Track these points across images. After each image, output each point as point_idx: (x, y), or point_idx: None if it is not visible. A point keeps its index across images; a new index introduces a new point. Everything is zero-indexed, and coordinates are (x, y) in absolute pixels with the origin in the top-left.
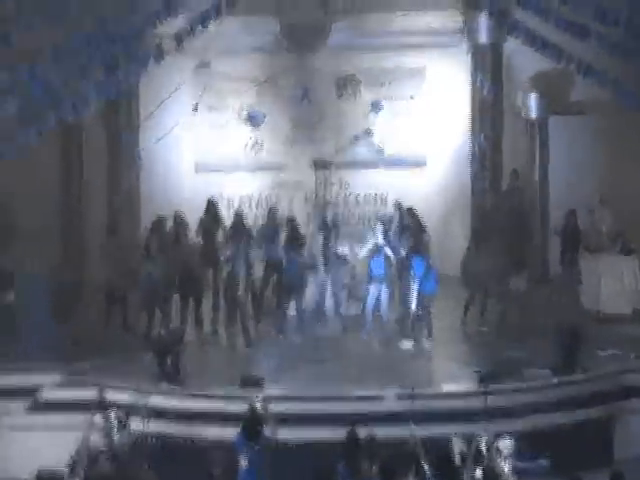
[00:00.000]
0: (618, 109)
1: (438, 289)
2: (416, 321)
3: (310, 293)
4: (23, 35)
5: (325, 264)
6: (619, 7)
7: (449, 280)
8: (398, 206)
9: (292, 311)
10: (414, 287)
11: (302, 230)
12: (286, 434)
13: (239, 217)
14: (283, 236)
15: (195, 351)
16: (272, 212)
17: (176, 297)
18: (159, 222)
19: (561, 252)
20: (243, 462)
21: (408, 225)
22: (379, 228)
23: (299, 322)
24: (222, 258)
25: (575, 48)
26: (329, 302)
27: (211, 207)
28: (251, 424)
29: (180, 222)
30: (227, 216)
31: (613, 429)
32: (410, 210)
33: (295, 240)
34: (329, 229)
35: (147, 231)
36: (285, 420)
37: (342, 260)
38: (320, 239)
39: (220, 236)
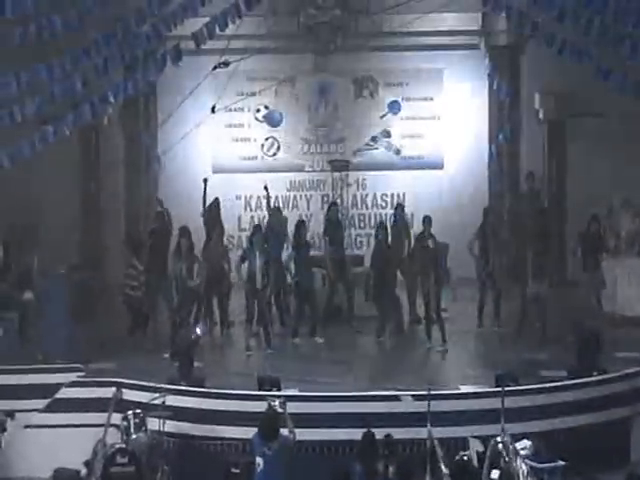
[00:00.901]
0: (637, 111)
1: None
2: (431, 323)
3: (324, 294)
4: (42, 35)
5: (335, 266)
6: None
7: (465, 282)
8: (399, 207)
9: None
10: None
11: (317, 230)
12: (302, 434)
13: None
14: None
15: (214, 351)
16: (276, 212)
17: None
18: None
19: (582, 256)
20: (259, 462)
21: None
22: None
23: (314, 323)
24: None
25: (595, 50)
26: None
27: (213, 207)
28: (268, 424)
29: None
30: (244, 217)
31: (630, 431)
32: (426, 217)
33: (303, 241)
34: (335, 230)
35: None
36: (301, 420)
37: (358, 261)
38: (327, 240)
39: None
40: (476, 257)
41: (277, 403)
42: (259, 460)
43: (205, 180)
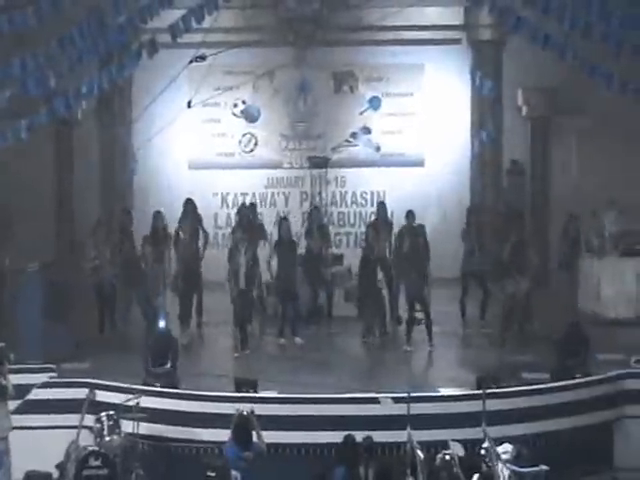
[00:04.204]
0: (623, 108)
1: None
2: (414, 324)
3: (305, 294)
4: (15, 27)
5: (316, 265)
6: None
7: (447, 282)
8: (381, 205)
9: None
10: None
11: (297, 229)
12: (281, 437)
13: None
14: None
15: (190, 352)
16: (250, 209)
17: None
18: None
19: (560, 256)
20: (236, 476)
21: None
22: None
23: (295, 324)
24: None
25: (580, 45)
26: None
27: (188, 205)
28: (243, 430)
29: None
30: (221, 214)
31: (613, 434)
32: (409, 213)
33: (287, 240)
34: (317, 229)
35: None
36: (280, 423)
37: (337, 260)
38: (310, 240)
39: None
40: (463, 255)
41: (245, 411)
42: (235, 473)
43: None
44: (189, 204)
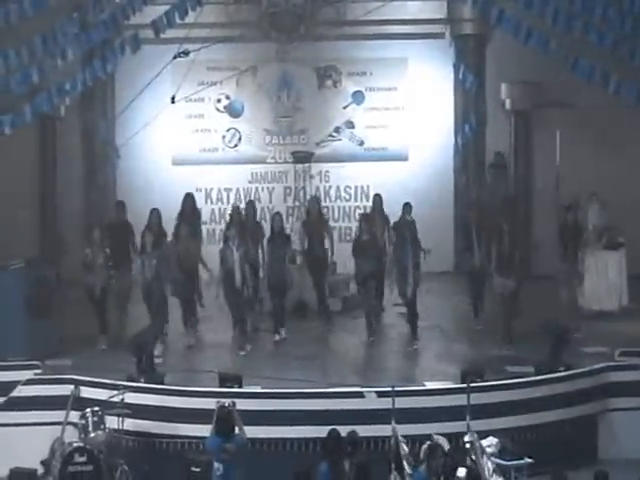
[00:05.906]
0: (606, 102)
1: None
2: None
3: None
4: None
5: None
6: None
7: (433, 277)
8: (377, 197)
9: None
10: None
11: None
12: (265, 432)
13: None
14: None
15: (175, 348)
16: (248, 206)
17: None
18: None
19: (563, 248)
20: (219, 467)
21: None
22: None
23: (282, 319)
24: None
25: (563, 39)
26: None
27: (188, 201)
28: (224, 421)
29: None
30: (205, 210)
31: (597, 427)
32: (406, 205)
33: (280, 236)
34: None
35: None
36: (264, 418)
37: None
38: (300, 235)
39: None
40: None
41: (227, 403)
42: (218, 465)
43: None
44: (188, 199)
